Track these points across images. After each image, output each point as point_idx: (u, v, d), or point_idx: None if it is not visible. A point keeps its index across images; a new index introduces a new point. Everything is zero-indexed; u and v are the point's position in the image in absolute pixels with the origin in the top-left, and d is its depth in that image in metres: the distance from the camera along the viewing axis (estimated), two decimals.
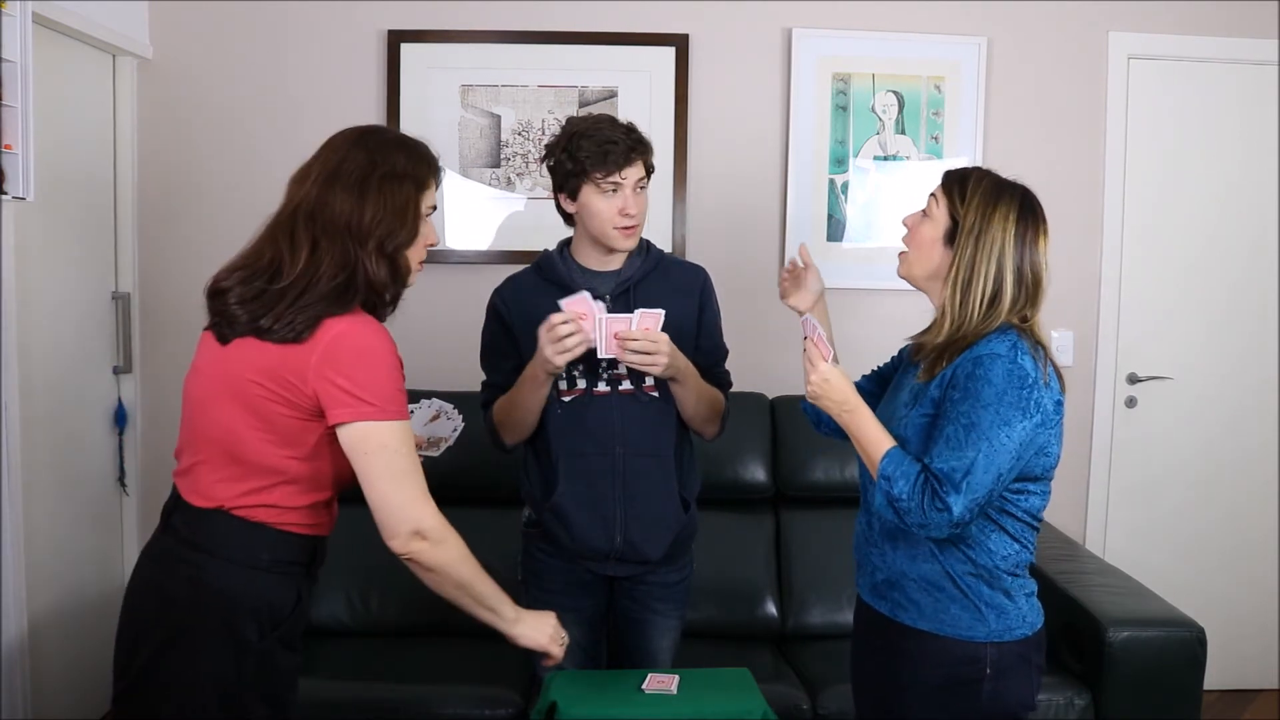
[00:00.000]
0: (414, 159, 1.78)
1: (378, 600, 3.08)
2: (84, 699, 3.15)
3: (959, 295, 1.82)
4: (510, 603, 1.85)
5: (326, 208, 1.70)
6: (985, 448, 1.73)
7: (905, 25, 3.50)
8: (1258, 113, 3.59)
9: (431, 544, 1.72)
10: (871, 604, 1.97)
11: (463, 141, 3.46)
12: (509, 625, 1.85)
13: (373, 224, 1.70)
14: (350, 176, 1.72)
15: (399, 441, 1.69)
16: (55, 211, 3.00)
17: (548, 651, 1.89)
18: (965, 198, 1.84)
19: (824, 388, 1.86)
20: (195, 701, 1.67)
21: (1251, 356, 3.67)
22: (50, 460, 3.00)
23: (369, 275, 1.71)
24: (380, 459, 1.68)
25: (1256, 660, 3.71)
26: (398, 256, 1.75)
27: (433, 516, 1.73)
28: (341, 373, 1.66)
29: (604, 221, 2.20)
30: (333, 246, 1.69)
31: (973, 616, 1.84)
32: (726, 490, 3.22)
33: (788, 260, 2.12)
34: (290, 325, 1.66)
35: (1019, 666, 1.86)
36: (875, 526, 1.94)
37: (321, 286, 1.67)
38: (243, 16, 3.42)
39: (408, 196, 1.75)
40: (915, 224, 1.92)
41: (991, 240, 1.81)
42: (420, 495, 1.72)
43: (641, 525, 2.27)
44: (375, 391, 1.67)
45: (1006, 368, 1.75)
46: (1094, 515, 3.67)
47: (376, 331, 1.73)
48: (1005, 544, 1.85)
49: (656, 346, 2.08)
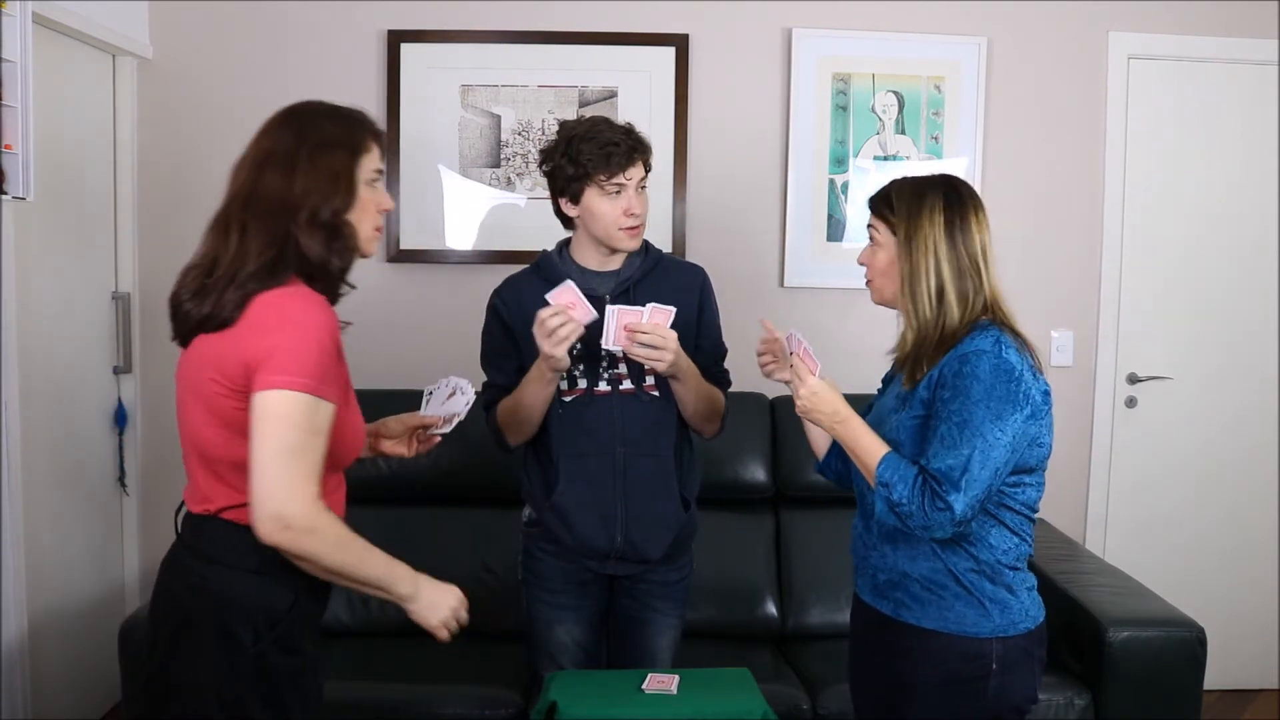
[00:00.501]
0: (345, 125, 1.75)
1: (378, 600, 3.06)
2: (84, 699, 3.15)
3: (910, 300, 1.87)
4: (405, 577, 1.73)
5: (258, 191, 1.68)
6: (980, 444, 1.75)
7: (905, 25, 3.50)
8: (1258, 113, 3.59)
9: (296, 533, 1.58)
10: (872, 604, 1.97)
11: (463, 141, 3.46)
12: (404, 603, 1.74)
13: (303, 195, 1.66)
14: (279, 155, 1.69)
15: (300, 416, 1.57)
16: (55, 211, 3.00)
17: (437, 637, 1.77)
18: (894, 210, 1.89)
19: (813, 400, 1.89)
20: (196, 705, 1.67)
21: (1251, 356, 3.67)
22: (50, 460, 3.00)
23: (301, 248, 1.66)
24: (269, 428, 1.57)
25: (1256, 660, 3.71)
26: (337, 224, 1.69)
27: (302, 503, 1.58)
28: (259, 341, 1.60)
29: (609, 223, 2.20)
30: (262, 226, 1.66)
31: (977, 613, 1.85)
32: (726, 490, 3.22)
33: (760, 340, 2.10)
34: (223, 307, 1.64)
35: (1023, 661, 1.88)
36: (873, 529, 1.95)
37: (250, 266, 1.64)
38: (243, 16, 3.42)
39: (340, 162, 1.70)
40: (869, 257, 1.96)
41: (923, 238, 1.86)
42: (298, 478, 1.57)
43: (642, 525, 2.27)
44: (288, 360, 1.58)
45: (992, 362, 1.77)
46: (1094, 515, 3.67)
47: (305, 303, 1.65)
48: (1005, 538, 1.87)
49: (665, 342, 2.09)
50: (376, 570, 1.70)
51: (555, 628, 2.34)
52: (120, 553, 3.40)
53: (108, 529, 3.34)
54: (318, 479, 1.61)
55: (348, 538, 1.65)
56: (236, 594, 1.67)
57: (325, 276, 1.69)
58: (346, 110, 1.78)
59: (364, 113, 1.80)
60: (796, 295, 3.55)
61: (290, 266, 1.66)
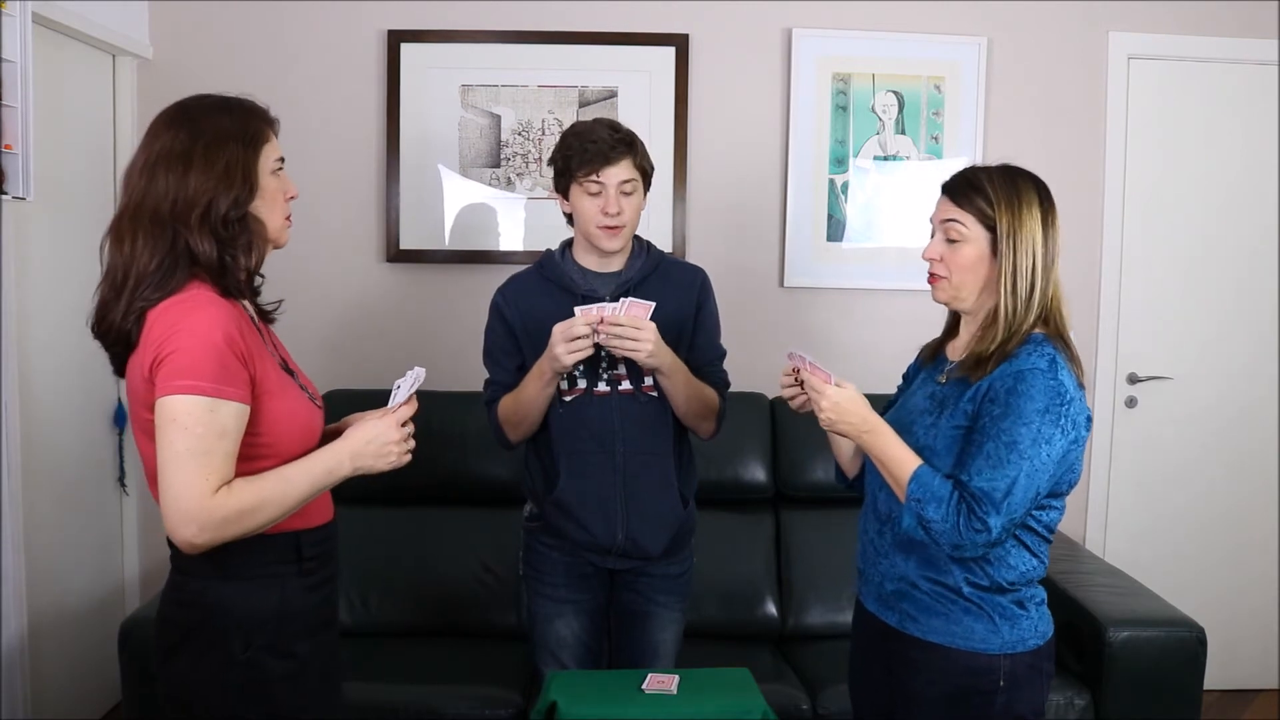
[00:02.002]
0: (238, 117, 1.69)
1: (378, 600, 3.08)
2: (84, 699, 3.15)
3: (1011, 297, 1.78)
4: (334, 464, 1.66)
5: (149, 197, 1.63)
6: (1026, 466, 1.70)
7: (905, 25, 3.49)
8: (1258, 113, 3.59)
9: (211, 531, 1.54)
10: (877, 614, 1.93)
11: (463, 141, 3.46)
12: (356, 473, 1.68)
13: (198, 193, 1.61)
14: (174, 155, 1.63)
15: (191, 420, 1.53)
16: (55, 211, 3.00)
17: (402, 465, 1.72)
18: (992, 202, 1.80)
19: (837, 412, 1.80)
20: (193, 712, 1.66)
21: (1252, 356, 3.67)
22: (50, 460, 3.00)
23: (194, 250, 1.61)
24: (164, 435, 1.54)
25: (1256, 660, 3.71)
26: (236, 218, 1.64)
27: (201, 502, 1.53)
28: (152, 352, 1.57)
29: (587, 220, 2.23)
30: (151, 233, 1.61)
31: (987, 628, 1.81)
32: (726, 490, 3.22)
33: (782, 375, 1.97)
34: (125, 321, 1.61)
35: (1031, 677, 1.84)
36: (888, 536, 1.89)
37: (138, 276, 1.61)
38: (243, 16, 3.42)
39: (234, 156, 1.65)
40: (948, 253, 1.84)
41: (1027, 233, 1.79)
42: (196, 479, 1.53)
43: (642, 522, 2.29)
44: (179, 365, 1.55)
45: (1047, 383, 1.72)
46: (1094, 515, 3.67)
47: (193, 306, 1.59)
48: (1025, 559, 1.83)
49: (640, 334, 2.10)
50: (314, 485, 1.65)
51: (556, 622, 2.35)
52: (120, 553, 3.40)
53: (108, 529, 3.34)
54: (225, 475, 1.57)
55: (266, 492, 1.60)
56: (219, 603, 1.65)
57: (225, 274, 1.65)
58: (238, 101, 1.73)
59: (255, 101, 1.75)
60: (796, 295, 3.55)
61: (184, 271, 1.62)
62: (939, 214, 1.87)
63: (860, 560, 1.99)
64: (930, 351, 2.00)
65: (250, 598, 1.66)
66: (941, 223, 1.85)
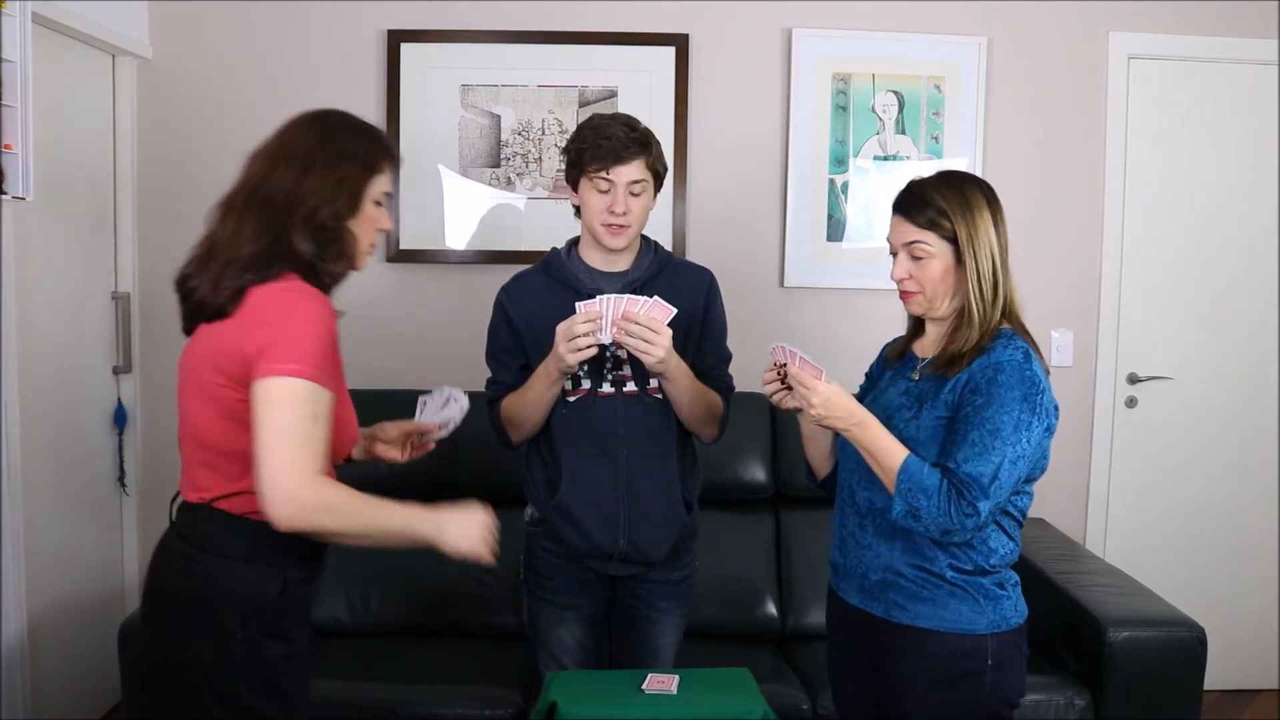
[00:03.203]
0: (367, 142, 1.79)
1: (378, 600, 3.08)
2: (84, 699, 3.15)
3: (979, 300, 1.87)
4: (425, 521, 1.73)
5: (267, 183, 1.71)
6: (1010, 452, 1.78)
7: (905, 25, 3.49)
8: (1258, 113, 3.59)
9: (310, 513, 1.60)
10: (861, 606, 1.97)
11: (463, 141, 3.46)
12: (434, 544, 1.74)
13: (307, 195, 1.70)
14: (297, 154, 1.73)
15: (301, 401, 1.60)
16: (55, 211, 3.00)
17: (479, 559, 1.76)
18: (948, 215, 1.87)
19: (828, 407, 1.86)
20: (191, 692, 1.69)
21: (1251, 356, 3.67)
22: (50, 460, 3.00)
23: (294, 244, 1.69)
24: (271, 413, 1.59)
25: (1256, 660, 3.71)
26: (335, 228, 1.72)
27: (309, 483, 1.60)
28: (258, 333, 1.63)
29: (593, 216, 2.22)
30: (260, 217, 1.69)
31: (973, 609, 1.87)
32: (726, 490, 3.22)
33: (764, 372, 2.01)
34: (217, 293, 1.67)
35: (1014, 656, 1.91)
36: (867, 528, 1.95)
37: (243, 255, 1.67)
38: (243, 16, 3.42)
39: (351, 174, 1.74)
40: (917, 271, 1.91)
41: (983, 235, 1.87)
42: (304, 459, 1.59)
43: (644, 526, 2.28)
44: (288, 348, 1.61)
45: (1023, 374, 1.81)
46: (1094, 515, 3.67)
47: (301, 295, 1.67)
48: (1003, 542, 1.91)
49: (657, 337, 2.08)
50: (395, 525, 1.72)
51: (557, 627, 2.34)
52: (120, 553, 3.40)
53: (108, 529, 3.34)
54: (323, 461, 1.64)
55: (359, 505, 1.67)
56: (225, 581, 1.69)
57: (317, 276, 1.72)
58: (371, 128, 1.83)
59: (384, 134, 1.85)
60: (796, 295, 3.55)
61: (284, 262, 1.69)
62: (898, 236, 1.94)
63: (838, 555, 2.05)
64: (898, 351, 2.06)
65: (256, 581, 1.70)
66: (905, 245, 1.93)
